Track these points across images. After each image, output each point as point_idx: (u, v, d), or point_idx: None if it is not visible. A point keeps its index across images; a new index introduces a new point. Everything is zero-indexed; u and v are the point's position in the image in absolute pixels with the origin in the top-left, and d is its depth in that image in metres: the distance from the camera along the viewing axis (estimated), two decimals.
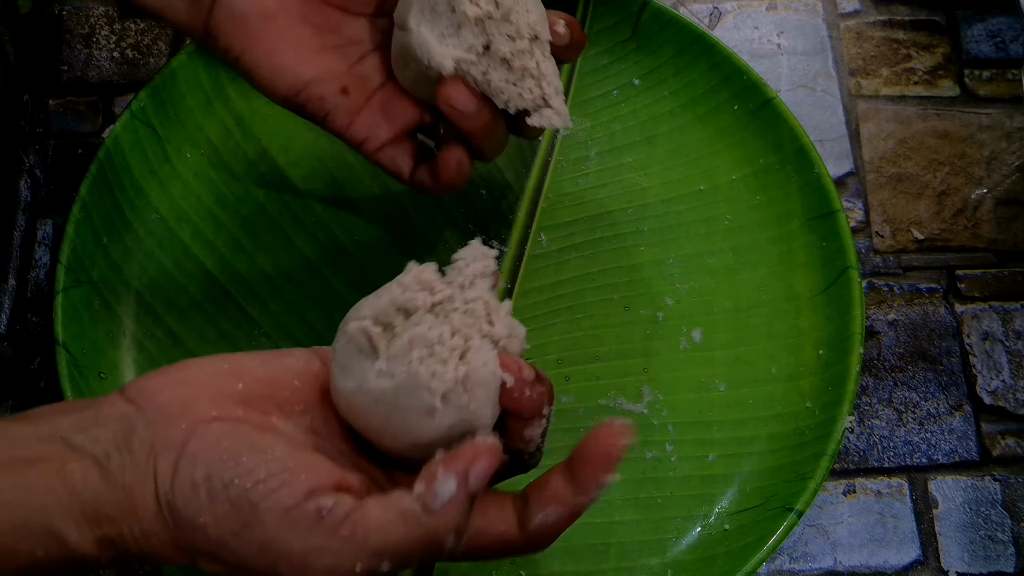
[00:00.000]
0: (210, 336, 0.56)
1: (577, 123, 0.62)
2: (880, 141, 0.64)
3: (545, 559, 0.52)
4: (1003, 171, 0.64)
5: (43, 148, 0.63)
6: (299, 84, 0.47)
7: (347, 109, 0.48)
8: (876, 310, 0.60)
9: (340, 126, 0.48)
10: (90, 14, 0.66)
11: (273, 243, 0.58)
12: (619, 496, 0.54)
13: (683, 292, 0.58)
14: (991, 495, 0.56)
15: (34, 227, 0.61)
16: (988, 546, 0.55)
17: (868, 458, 0.57)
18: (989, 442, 0.57)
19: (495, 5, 0.46)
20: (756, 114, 0.61)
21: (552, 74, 0.47)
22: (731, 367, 0.56)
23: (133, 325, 0.56)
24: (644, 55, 0.63)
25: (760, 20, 0.68)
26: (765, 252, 0.59)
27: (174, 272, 0.57)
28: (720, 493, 0.54)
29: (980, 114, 0.65)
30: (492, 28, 0.46)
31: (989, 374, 0.59)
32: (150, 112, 0.59)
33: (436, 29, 0.46)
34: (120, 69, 0.65)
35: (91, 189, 0.57)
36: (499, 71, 0.46)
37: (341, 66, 0.48)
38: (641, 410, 0.55)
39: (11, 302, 0.59)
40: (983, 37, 0.67)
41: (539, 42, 0.47)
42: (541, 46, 0.47)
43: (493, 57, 0.46)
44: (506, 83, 0.46)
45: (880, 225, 0.62)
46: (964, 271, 0.61)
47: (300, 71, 0.47)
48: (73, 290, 0.55)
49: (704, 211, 0.60)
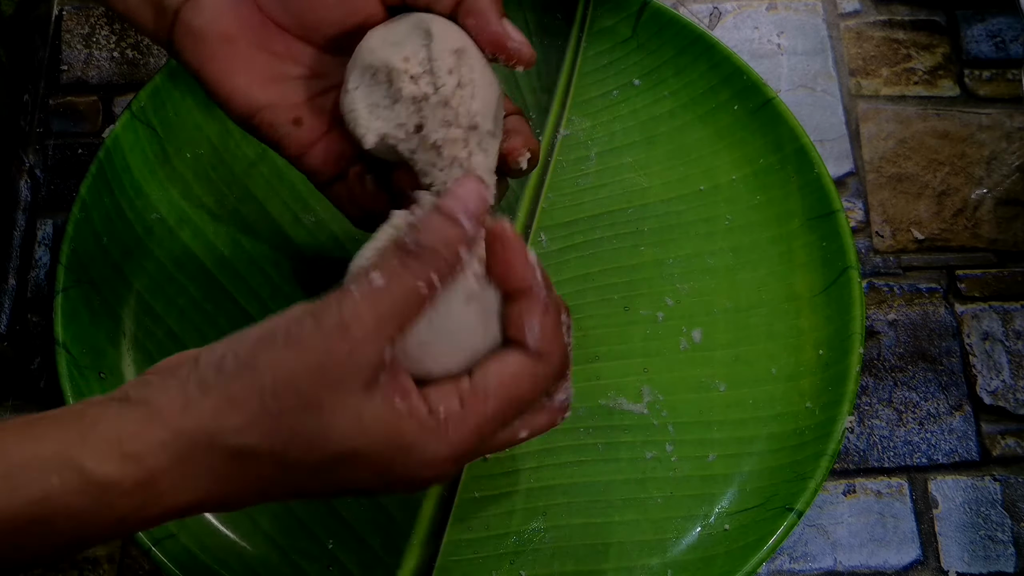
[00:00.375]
0: (210, 336, 0.56)
1: (577, 123, 0.62)
2: (880, 141, 0.64)
3: (545, 559, 0.52)
4: (1003, 171, 0.64)
5: (43, 148, 0.63)
6: (251, 108, 0.46)
7: (298, 140, 0.47)
8: (876, 310, 0.60)
9: (291, 155, 0.47)
10: (90, 14, 0.66)
11: (273, 243, 0.58)
12: (619, 496, 0.54)
13: (683, 292, 0.58)
14: (991, 495, 0.56)
15: (34, 227, 0.61)
16: (988, 546, 0.55)
17: (868, 458, 0.57)
18: (989, 442, 0.57)
19: (434, 88, 0.43)
20: (756, 114, 0.61)
21: (484, 169, 0.44)
22: (731, 367, 0.56)
23: (133, 325, 0.56)
24: (644, 55, 0.63)
25: (760, 20, 0.68)
26: (765, 252, 0.59)
27: (174, 272, 0.57)
28: (720, 493, 0.54)
29: (980, 114, 0.65)
30: (428, 111, 0.43)
31: (989, 374, 0.59)
32: (150, 112, 0.59)
33: (371, 97, 0.44)
34: (120, 69, 0.65)
35: (91, 189, 0.57)
36: (427, 153, 0.44)
37: (296, 97, 0.47)
38: (641, 410, 0.55)
39: (11, 302, 0.59)
40: (983, 37, 0.67)
41: (477, 132, 0.44)
42: (479, 136, 0.44)
43: (424, 139, 0.43)
44: (431, 167, 0.44)
45: (880, 225, 0.62)
46: (964, 271, 0.61)
47: (254, 96, 0.46)
48: (73, 290, 0.55)
49: (704, 211, 0.60)
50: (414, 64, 0.43)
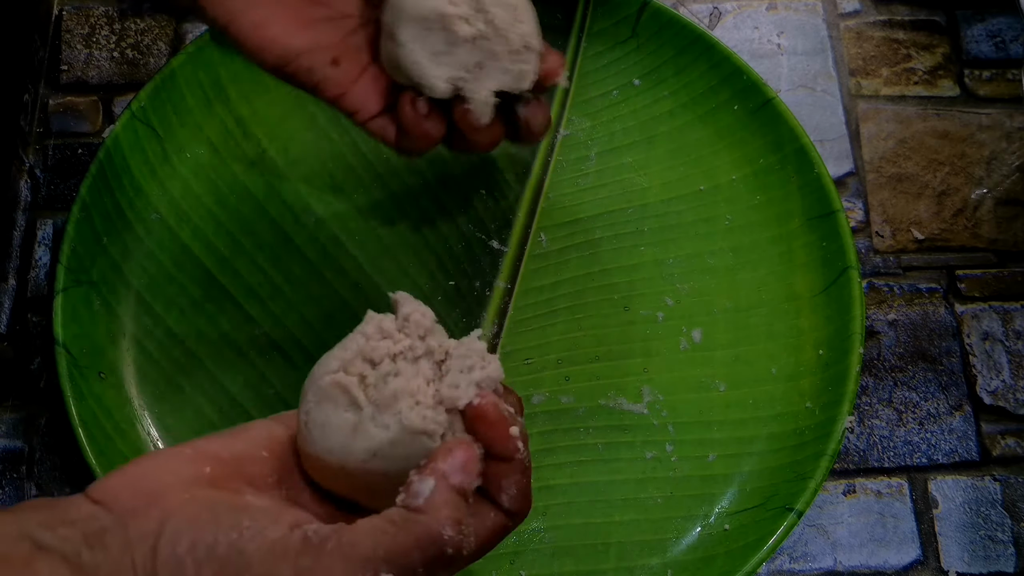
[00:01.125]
0: (210, 336, 0.56)
1: (577, 123, 0.62)
2: (880, 141, 0.64)
3: (545, 559, 0.52)
4: (1003, 171, 0.64)
5: (43, 148, 0.63)
6: (288, 55, 0.46)
7: (338, 80, 0.47)
8: (876, 310, 0.60)
9: (331, 96, 0.48)
10: (90, 14, 0.66)
11: (273, 243, 0.58)
12: (619, 496, 0.54)
13: (683, 292, 0.58)
14: (991, 495, 0.56)
15: (34, 227, 0.61)
16: (988, 546, 0.55)
17: (868, 458, 0.57)
18: (989, 442, 0.57)
19: (490, 25, 0.45)
20: (756, 114, 0.61)
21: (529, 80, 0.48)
22: (731, 367, 0.56)
23: (133, 325, 0.56)
24: (644, 55, 0.63)
25: (760, 20, 0.68)
26: (765, 252, 0.59)
27: (174, 272, 0.57)
28: (720, 493, 0.54)
29: (980, 114, 0.65)
30: (486, 46, 0.46)
31: (989, 374, 0.59)
32: (150, 112, 0.59)
33: (428, 46, 0.46)
34: (120, 69, 0.65)
35: (91, 189, 0.57)
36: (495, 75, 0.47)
37: (332, 38, 0.47)
38: (641, 410, 0.55)
39: (11, 302, 0.59)
40: (983, 37, 0.67)
41: (530, 51, 0.47)
42: (532, 55, 0.47)
43: (487, 68, 0.46)
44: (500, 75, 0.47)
45: (880, 225, 0.62)
46: (964, 271, 0.61)
47: (289, 43, 0.46)
48: (73, 290, 0.55)
49: (704, 211, 0.60)
50: (462, 5, 0.45)
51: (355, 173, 0.60)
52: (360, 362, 0.38)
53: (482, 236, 0.59)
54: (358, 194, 0.60)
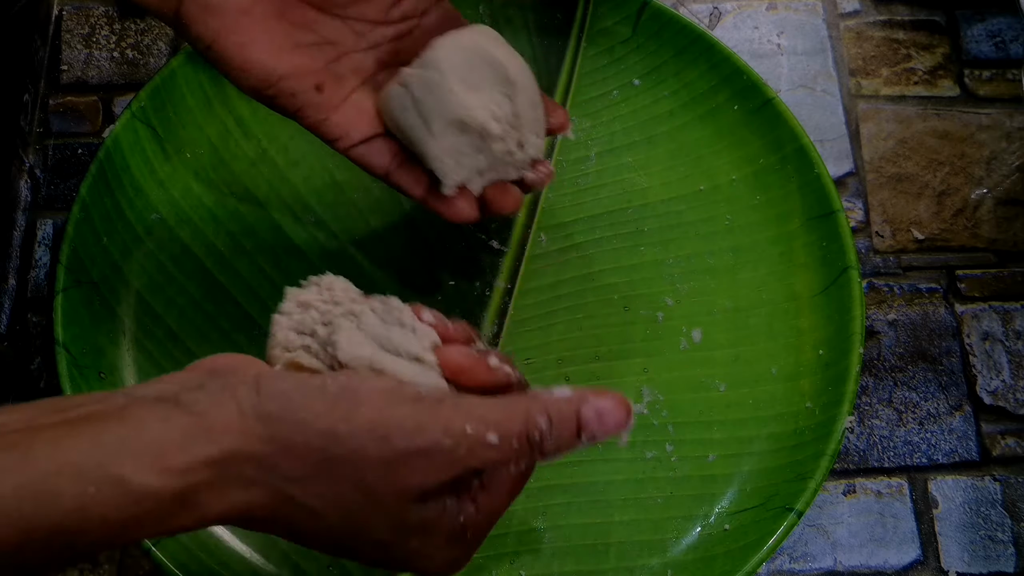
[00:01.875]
0: (210, 336, 0.56)
1: (577, 123, 0.62)
2: (880, 141, 0.64)
3: (545, 559, 0.52)
4: (1003, 171, 0.64)
5: (43, 148, 0.63)
6: (271, 78, 0.46)
7: (320, 106, 0.47)
8: (876, 310, 0.60)
9: (313, 121, 0.48)
10: (90, 14, 0.66)
11: (273, 243, 0.58)
12: (619, 496, 0.54)
13: (683, 292, 0.58)
14: (991, 495, 0.56)
15: (34, 227, 0.61)
16: (988, 546, 0.55)
17: (868, 458, 0.57)
18: (989, 442, 0.57)
19: (517, 144, 0.48)
20: (756, 114, 0.61)
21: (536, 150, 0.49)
22: (731, 367, 0.56)
23: (133, 325, 0.56)
24: (644, 55, 0.63)
25: (760, 20, 0.68)
26: (765, 252, 0.59)
27: (174, 272, 0.57)
28: (720, 493, 0.54)
29: (980, 114, 0.65)
30: (505, 158, 0.48)
31: (989, 374, 0.59)
32: (150, 112, 0.59)
33: (456, 144, 0.47)
34: (120, 69, 0.65)
35: (91, 189, 0.57)
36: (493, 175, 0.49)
37: (317, 64, 0.47)
38: (641, 410, 0.55)
39: (11, 302, 0.59)
40: (983, 37, 0.67)
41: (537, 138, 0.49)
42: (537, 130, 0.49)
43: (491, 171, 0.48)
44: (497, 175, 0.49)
45: (880, 225, 0.62)
46: (964, 271, 0.61)
47: (273, 65, 0.46)
48: (73, 290, 0.55)
49: (704, 211, 0.60)
50: (504, 124, 0.47)
51: (355, 173, 0.60)
52: (295, 335, 0.40)
53: (482, 236, 0.59)
54: (358, 194, 0.60)
